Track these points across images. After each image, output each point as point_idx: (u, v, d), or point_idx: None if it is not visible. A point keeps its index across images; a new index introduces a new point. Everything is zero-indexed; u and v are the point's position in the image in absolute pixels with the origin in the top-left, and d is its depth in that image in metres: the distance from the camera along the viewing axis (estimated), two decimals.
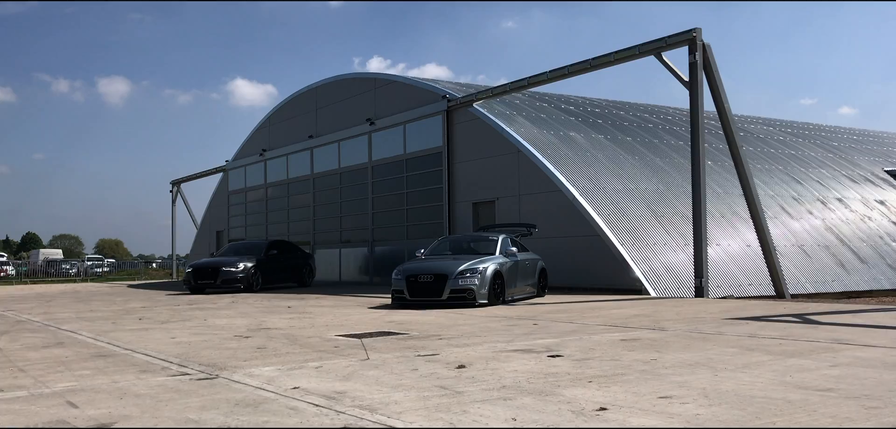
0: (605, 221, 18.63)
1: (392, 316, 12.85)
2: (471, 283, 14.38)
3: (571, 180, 19.64)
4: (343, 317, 12.92)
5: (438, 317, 12.45)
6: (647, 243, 18.66)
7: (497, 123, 21.58)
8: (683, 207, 20.79)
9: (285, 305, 16.52)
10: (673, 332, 9.57)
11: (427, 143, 24.33)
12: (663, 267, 18.19)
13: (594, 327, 10.33)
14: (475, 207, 22.60)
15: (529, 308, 14.06)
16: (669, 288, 17.64)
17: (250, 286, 23.18)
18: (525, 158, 20.64)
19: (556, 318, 11.91)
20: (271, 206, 33.65)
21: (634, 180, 21.10)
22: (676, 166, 23.03)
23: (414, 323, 11.48)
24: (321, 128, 29.87)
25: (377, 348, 8.58)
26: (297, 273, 25.75)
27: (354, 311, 14.26)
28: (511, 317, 12.23)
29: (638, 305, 14.27)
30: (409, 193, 25.24)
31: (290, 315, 13.54)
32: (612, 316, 12.00)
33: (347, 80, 28.51)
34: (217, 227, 38.52)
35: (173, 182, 43.20)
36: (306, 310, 14.79)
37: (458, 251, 16.26)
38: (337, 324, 11.63)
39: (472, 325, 11.02)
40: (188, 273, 23.85)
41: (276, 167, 33.17)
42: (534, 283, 16.88)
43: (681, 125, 27.64)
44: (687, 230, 19.81)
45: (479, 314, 12.81)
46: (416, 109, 24.60)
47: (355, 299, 17.82)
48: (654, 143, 24.38)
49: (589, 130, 23.54)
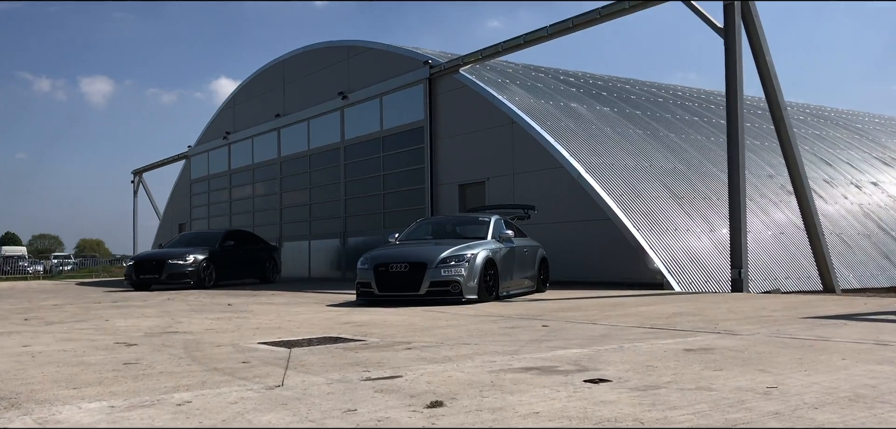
0: (616, 201, 15.58)
1: (352, 316, 9.73)
2: (456, 273, 11.28)
3: (575, 155, 16.58)
4: (288, 317, 9.79)
5: (413, 316, 9.34)
6: (666, 228, 15.62)
7: (487, 91, 18.49)
8: (705, 188, 17.77)
9: (228, 302, 13.35)
10: (751, 337, 6.51)
11: (407, 117, 21.19)
12: (686, 256, 15.15)
13: (630, 330, 7.25)
14: (462, 189, 19.50)
15: (531, 305, 10.96)
16: (695, 281, 14.60)
17: (202, 282, 19.95)
18: (520, 130, 17.56)
19: (570, 317, 8.81)
20: (235, 195, 30.40)
21: (648, 156, 18.06)
22: (693, 144, 20.01)
23: (377, 325, 8.37)
24: (289, 106, 26.67)
25: (307, 365, 5.47)
26: (259, 268, 22.52)
27: (307, 310, 11.13)
28: (509, 316, 9.14)
29: (670, 301, 11.20)
30: (387, 175, 22.09)
31: (221, 315, 10.39)
32: (644, 315, 8.93)
33: (317, 50, 25.32)
34: (180, 219, 35.20)
35: (134, 172, 39.86)
36: (248, 308, 11.65)
37: (440, 236, 13.16)
38: (274, 327, 8.49)
39: (458, 327, 7.92)
40: (129, 267, 20.61)
41: (240, 151, 29.92)
42: (533, 275, 13.80)
43: (693, 101, 24.65)
44: (711, 213, 16.81)
45: (467, 313, 9.71)
46: (395, 78, 21.46)
47: (316, 296, 14.67)
48: (666, 117, 21.36)
49: (593, 102, 20.48)
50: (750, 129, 23.46)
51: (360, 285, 11.84)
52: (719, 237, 16.17)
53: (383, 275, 11.49)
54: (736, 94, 13.38)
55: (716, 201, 17.37)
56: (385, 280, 11.48)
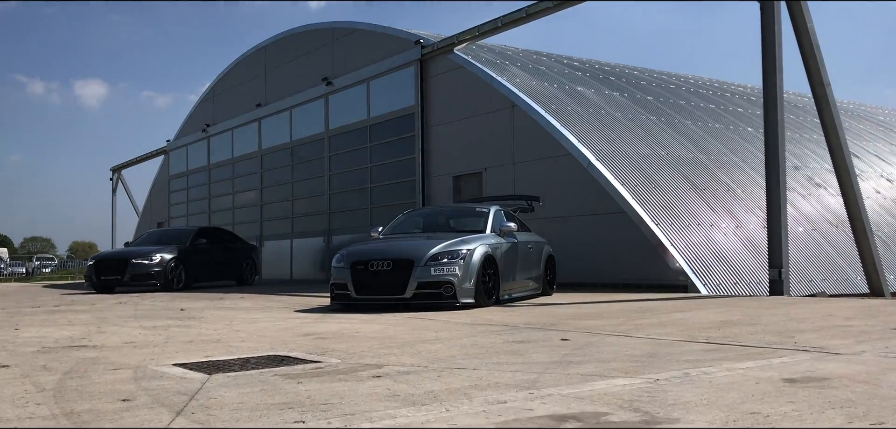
0: (631, 192, 13.70)
1: (319, 325, 7.82)
2: (449, 272, 9.38)
3: (584, 141, 14.70)
4: (240, 327, 7.88)
5: (393, 325, 7.44)
6: (687, 223, 13.74)
7: (485, 72, 16.60)
8: (728, 179, 15.92)
9: (181, 307, 11.43)
10: (859, 357, 4.65)
11: (396, 103, 19.29)
12: (711, 254, 13.28)
13: (681, 347, 5.37)
14: (456, 181, 17.60)
15: (540, 311, 9.07)
16: (723, 283, 12.73)
17: (169, 284, 17.99)
18: (522, 114, 15.68)
19: (593, 327, 6.92)
20: (215, 191, 28.42)
21: (664, 144, 16.19)
22: (712, 132, 18.15)
23: (345, 337, 6.47)
24: (271, 94, 24.72)
25: (213, 406, 3.56)
26: (236, 269, 20.56)
27: (270, 316, 9.22)
28: (516, 325, 7.24)
29: (706, 306, 9.31)
30: (375, 167, 20.18)
31: (160, 324, 8.48)
32: (687, 324, 7.04)
33: (300, 34, 23.38)
34: (159, 217, 33.19)
35: (113, 169, 37.84)
36: (201, 315, 9.74)
37: (432, 229, 11.26)
38: (212, 340, 6.59)
39: (450, 341, 6.03)
40: (89, 268, 18.65)
41: (220, 145, 27.96)
42: (538, 275, 11.91)
43: (708, 89, 22.81)
44: (736, 207, 14.96)
45: (462, 320, 7.81)
46: (383, 61, 19.55)
47: (289, 300, 12.76)
48: (680, 104, 19.50)
49: (601, 86, 18.61)
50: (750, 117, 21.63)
51: (335, 287, 9.92)
52: (747, 233, 14.31)
53: (362, 274, 9.58)
54: (774, 68, 11.51)
55: (740, 194, 15.53)
56: (364, 281, 9.57)
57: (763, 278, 13.20)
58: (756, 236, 14.33)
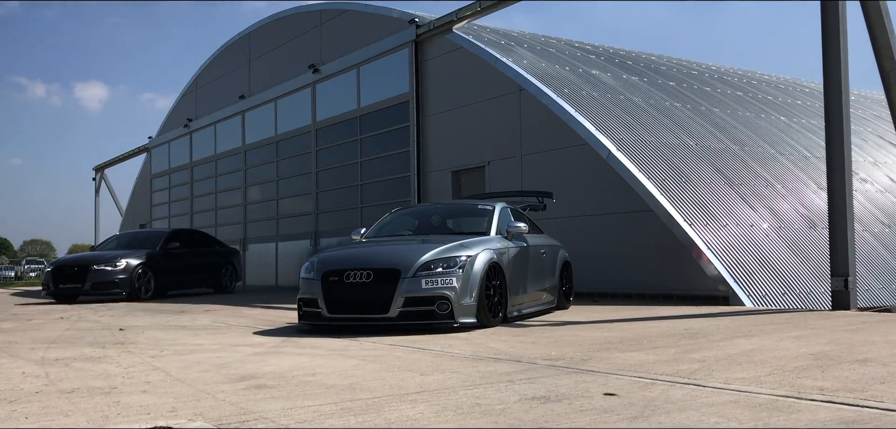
0: (658, 187, 11.75)
1: (269, 358, 5.89)
2: (445, 284, 7.43)
3: (603, 129, 12.76)
4: (169, 361, 5.98)
5: (367, 360, 5.49)
6: (725, 223, 11.79)
7: (488, 53, 14.66)
8: (766, 172, 13.97)
9: (122, 326, 9.51)
10: None
11: (389, 90, 17.35)
12: (754, 259, 11.31)
13: (799, 414, 3.41)
14: (456, 177, 15.65)
15: (560, 335, 7.11)
16: (770, 293, 10.78)
17: (137, 292, 16.07)
18: (531, 99, 13.74)
19: (639, 364, 4.96)
20: (198, 190, 26.47)
21: (693, 133, 14.24)
22: (743, 121, 16.19)
23: (292, 385, 4.53)
24: (255, 85, 22.79)
25: None
26: (213, 274, 18.64)
27: (218, 341, 7.30)
28: (533, 360, 5.28)
29: (770, 327, 7.35)
30: (366, 162, 18.23)
31: (75, 353, 6.56)
32: (765, 359, 5.09)
33: (286, 18, 21.43)
34: (142, 219, 31.27)
35: (96, 168, 35.97)
36: (135, 339, 7.83)
37: (426, 231, 9.31)
38: (108, 389, 4.69)
39: (439, 394, 4.08)
40: (47, 274, 16.72)
41: (202, 140, 26.01)
42: (553, 285, 9.97)
43: (732, 76, 20.85)
44: (777, 203, 13.03)
45: (460, 351, 5.86)
46: (374, 44, 17.60)
47: (259, 314, 10.85)
48: (705, 90, 17.54)
49: (618, 70, 16.66)
50: (803, 107, 19.69)
51: (303, 303, 7.97)
52: (792, 235, 12.37)
53: (336, 288, 7.63)
54: (837, 34, 9.55)
55: (780, 189, 13.59)
56: (338, 296, 7.62)
57: (814, 288, 11.28)
58: (802, 238, 12.40)
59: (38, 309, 13.60)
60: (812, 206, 13.49)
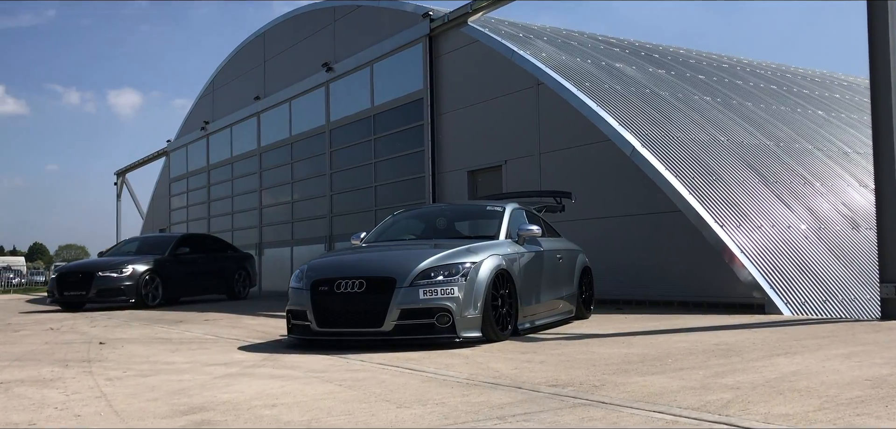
0: (687, 186, 10.88)
1: (236, 382, 5.19)
2: (445, 294, 6.67)
3: (627, 124, 11.92)
4: (125, 383, 5.32)
5: (343, 386, 4.75)
6: (759, 224, 10.88)
7: (505, 46, 13.87)
8: (803, 169, 13.02)
9: (103, 339, 8.91)
10: None
11: (402, 87, 16.63)
12: (792, 264, 10.40)
13: None
14: (472, 177, 14.88)
15: (573, 353, 6.31)
16: (810, 300, 9.86)
17: (144, 299, 15.53)
18: (549, 93, 12.93)
19: (659, 392, 4.16)
20: (214, 193, 25.98)
21: (723, 128, 13.32)
22: (778, 116, 15.23)
23: (246, 419, 3.79)
24: (270, 85, 22.21)
25: None
26: (226, 280, 18.07)
27: (194, 359, 6.62)
28: (535, 386, 4.51)
29: (814, 342, 6.48)
30: (380, 163, 17.52)
31: (30, 374, 5.92)
32: (812, 386, 4.28)
33: (300, 16, 20.81)
34: (161, 223, 30.91)
35: (117, 173, 35.71)
36: (107, 357, 7.20)
37: (431, 235, 8.57)
38: (24, 425, 3.98)
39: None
40: (52, 281, 16.25)
41: (219, 143, 25.52)
42: (571, 292, 9.16)
43: (767, 69, 19.83)
44: (816, 202, 12.08)
45: (455, 374, 5.11)
46: (387, 39, 16.89)
47: (257, 325, 10.20)
48: (737, 84, 16.59)
49: (643, 64, 15.77)
50: (842, 100, 18.63)
51: (292, 315, 7.27)
52: (832, 236, 11.43)
53: (326, 298, 6.90)
54: (886, 29, 8.62)
55: (820, 187, 12.63)
56: (328, 307, 6.89)
57: (859, 294, 10.35)
58: (844, 240, 11.45)
59: (37, 317, 13.08)
60: (854, 205, 12.52)
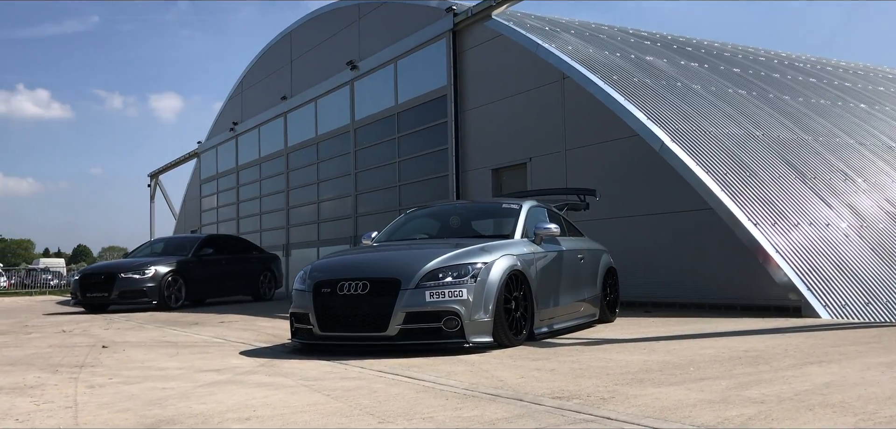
0: (719, 182, 10.34)
1: (218, 392, 4.87)
2: (452, 297, 6.29)
3: (656, 118, 11.41)
4: (102, 391, 5.06)
5: (333, 396, 4.39)
6: (796, 223, 10.30)
7: (529, 39, 13.44)
8: (843, 164, 12.37)
9: (105, 343, 8.69)
10: None
11: (426, 84, 16.28)
12: (831, 264, 9.81)
13: None
14: (496, 175, 14.47)
15: (587, 361, 5.88)
16: (851, 303, 9.27)
17: (167, 301, 15.40)
18: (575, 87, 12.47)
19: (673, 407, 3.73)
20: (243, 194, 25.93)
21: (758, 123, 12.73)
22: (817, 109, 14.56)
23: None
24: (297, 85, 22.04)
25: None
26: (250, 282, 17.92)
27: (184, 365, 6.34)
28: (538, 398, 4.10)
29: (852, 349, 5.97)
30: (404, 161, 17.20)
31: (16, 380, 5.68)
32: (849, 402, 3.79)
33: (325, 14, 20.59)
34: (193, 224, 31.01)
35: (151, 175, 35.95)
36: (102, 362, 6.95)
37: (445, 234, 8.18)
38: None
39: None
40: (75, 283, 16.20)
41: (247, 144, 25.45)
42: (594, 295, 8.70)
43: (805, 62, 19.11)
44: (859, 200, 11.47)
45: (456, 383, 4.72)
46: (411, 36, 16.56)
47: (267, 327, 9.93)
48: (774, 77, 15.93)
49: (675, 56, 15.22)
50: (886, 93, 17.83)
51: (295, 318, 6.94)
52: (875, 235, 10.79)
53: (329, 301, 6.56)
54: None
55: (861, 184, 11.99)
56: (331, 310, 6.55)
57: None
58: (889, 239, 10.81)
59: (56, 319, 12.99)
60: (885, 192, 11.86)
